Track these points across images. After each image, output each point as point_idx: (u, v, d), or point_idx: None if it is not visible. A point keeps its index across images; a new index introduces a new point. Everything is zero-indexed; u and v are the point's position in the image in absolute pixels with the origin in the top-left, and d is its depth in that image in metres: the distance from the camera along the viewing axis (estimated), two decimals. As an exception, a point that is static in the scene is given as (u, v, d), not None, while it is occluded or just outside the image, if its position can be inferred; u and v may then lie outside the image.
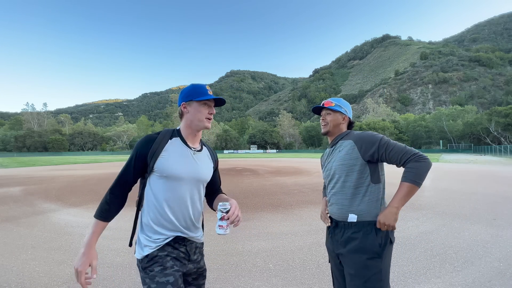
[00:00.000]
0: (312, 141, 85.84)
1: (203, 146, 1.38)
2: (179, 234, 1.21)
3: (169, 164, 1.18)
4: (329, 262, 1.52)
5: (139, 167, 1.20)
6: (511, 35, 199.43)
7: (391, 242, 1.31)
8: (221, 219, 1.15)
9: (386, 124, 64.20)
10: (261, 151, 71.02)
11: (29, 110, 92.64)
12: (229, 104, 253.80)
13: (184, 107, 1.27)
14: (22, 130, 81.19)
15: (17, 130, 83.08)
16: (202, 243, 1.38)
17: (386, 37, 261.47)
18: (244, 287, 2.44)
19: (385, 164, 1.39)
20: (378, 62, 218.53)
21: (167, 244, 1.18)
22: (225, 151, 70.64)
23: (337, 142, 1.46)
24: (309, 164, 20.50)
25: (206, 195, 1.43)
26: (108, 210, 1.18)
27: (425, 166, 1.22)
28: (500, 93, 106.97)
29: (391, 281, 2.49)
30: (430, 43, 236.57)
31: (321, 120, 1.53)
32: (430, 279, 2.53)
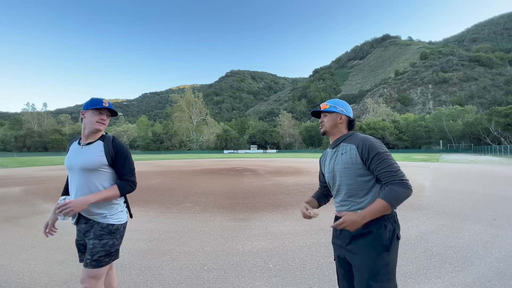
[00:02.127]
0: (312, 141, 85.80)
1: (100, 141, 1.66)
2: (81, 213, 1.60)
3: (66, 159, 1.67)
4: (334, 260, 1.54)
5: None
6: (511, 35, 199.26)
7: (398, 238, 1.35)
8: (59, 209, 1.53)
9: (386, 124, 64.13)
10: (261, 151, 70.94)
11: (29, 110, 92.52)
12: (229, 104, 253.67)
13: (82, 114, 1.65)
14: (22, 130, 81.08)
15: (17, 130, 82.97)
16: (102, 225, 1.59)
17: (386, 37, 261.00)
18: (244, 287, 2.44)
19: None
20: (378, 62, 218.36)
21: (81, 217, 1.62)
22: (225, 151, 70.58)
23: (339, 143, 1.48)
24: (309, 164, 20.49)
25: None
26: (63, 190, 1.82)
27: (406, 194, 1.24)
28: (500, 93, 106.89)
29: (391, 281, 2.50)
30: (430, 43, 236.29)
31: (320, 122, 1.58)
32: (430, 279, 2.53)
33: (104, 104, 1.59)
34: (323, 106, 1.53)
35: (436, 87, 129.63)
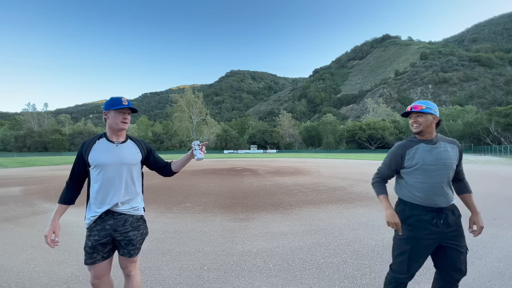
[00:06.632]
0: (312, 141, 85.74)
1: (129, 139, 1.80)
2: (109, 208, 1.63)
3: (97, 156, 1.64)
4: (409, 250, 1.68)
5: (80, 163, 1.68)
6: (511, 35, 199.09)
7: None
8: (201, 149, 1.92)
9: (386, 124, 64.15)
10: (261, 151, 70.91)
11: (30, 110, 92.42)
12: (229, 104, 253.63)
13: (105, 115, 1.71)
14: (22, 130, 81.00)
15: (17, 130, 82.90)
16: (137, 217, 1.74)
17: (386, 37, 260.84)
18: (244, 287, 2.44)
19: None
20: (378, 62, 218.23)
21: (99, 217, 1.63)
22: (225, 151, 70.50)
23: (437, 142, 1.69)
24: (309, 164, 20.49)
25: (159, 171, 1.96)
26: (64, 196, 1.68)
27: None
28: (500, 93, 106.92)
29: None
30: (430, 43, 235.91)
31: (412, 122, 1.74)
32: (430, 279, 2.52)
33: (123, 103, 1.67)
34: (418, 107, 1.68)
35: (436, 87, 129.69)
